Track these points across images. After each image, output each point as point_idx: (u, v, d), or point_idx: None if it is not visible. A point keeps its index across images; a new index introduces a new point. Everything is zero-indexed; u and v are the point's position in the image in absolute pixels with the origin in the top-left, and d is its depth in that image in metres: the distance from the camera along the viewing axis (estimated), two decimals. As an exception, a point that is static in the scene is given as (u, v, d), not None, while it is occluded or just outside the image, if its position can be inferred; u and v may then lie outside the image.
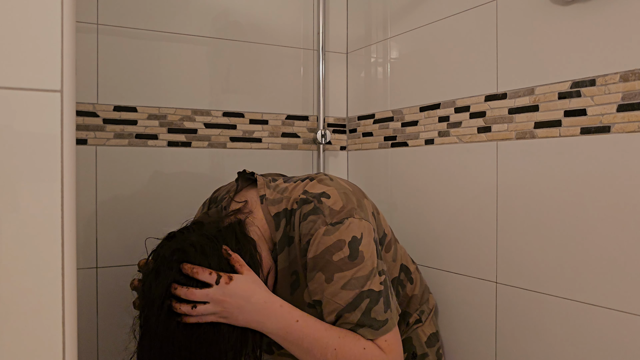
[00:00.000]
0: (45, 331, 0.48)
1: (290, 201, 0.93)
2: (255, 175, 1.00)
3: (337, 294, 0.87)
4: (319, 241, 0.88)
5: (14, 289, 0.47)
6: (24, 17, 0.47)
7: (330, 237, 0.88)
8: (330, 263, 0.87)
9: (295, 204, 0.92)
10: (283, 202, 0.94)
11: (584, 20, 0.90)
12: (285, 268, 0.93)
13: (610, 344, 0.87)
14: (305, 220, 0.89)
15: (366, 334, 0.87)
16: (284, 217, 0.93)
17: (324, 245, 0.87)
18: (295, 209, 0.92)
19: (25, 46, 0.47)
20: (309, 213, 0.89)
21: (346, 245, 0.88)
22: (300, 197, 0.92)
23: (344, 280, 0.87)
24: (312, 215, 0.89)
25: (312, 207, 0.90)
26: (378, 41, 1.41)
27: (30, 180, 0.47)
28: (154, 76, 1.27)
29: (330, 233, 0.88)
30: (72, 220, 0.49)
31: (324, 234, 0.88)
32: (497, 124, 1.06)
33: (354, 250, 0.88)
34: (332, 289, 0.87)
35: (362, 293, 0.87)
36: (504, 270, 1.04)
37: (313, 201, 0.91)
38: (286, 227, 0.93)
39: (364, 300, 0.87)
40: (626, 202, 0.84)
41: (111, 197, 1.22)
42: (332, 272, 0.87)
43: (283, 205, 0.94)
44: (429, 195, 1.23)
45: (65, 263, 0.48)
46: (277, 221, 0.93)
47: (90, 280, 1.21)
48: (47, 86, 0.48)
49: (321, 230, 0.88)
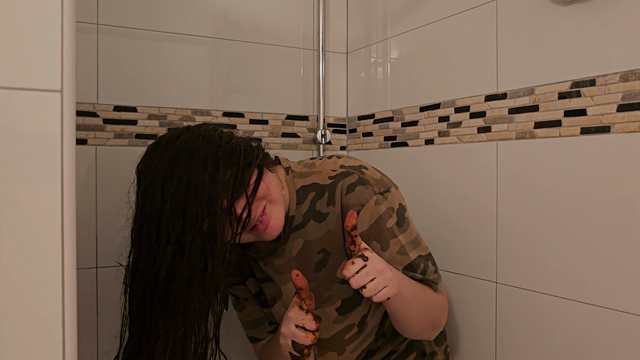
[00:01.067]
0: (45, 331, 0.48)
1: (322, 175, 0.93)
2: (277, 157, 1.00)
3: (394, 258, 0.90)
4: (372, 210, 0.90)
5: (14, 289, 0.47)
6: (24, 17, 0.47)
7: (382, 206, 0.90)
8: (384, 230, 0.90)
9: (330, 179, 0.92)
10: (313, 176, 0.94)
11: (584, 20, 0.90)
12: (311, 242, 0.93)
13: (610, 344, 0.87)
14: (353, 191, 0.90)
15: (429, 278, 0.94)
16: (312, 191, 0.93)
17: (377, 214, 0.90)
18: (333, 182, 0.91)
19: (25, 46, 0.47)
20: (356, 184, 0.90)
21: (394, 213, 0.92)
22: (339, 170, 0.92)
23: (398, 245, 0.91)
24: (360, 185, 0.90)
25: (357, 178, 0.91)
26: (378, 41, 1.41)
27: (30, 180, 0.47)
28: (154, 76, 1.27)
29: (380, 202, 0.90)
30: (72, 220, 0.49)
31: (376, 203, 0.90)
32: (497, 124, 1.06)
33: (401, 216, 0.93)
34: (388, 255, 0.90)
35: (416, 258, 0.92)
36: (504, 270, 1.04)
37: (355, 172, 0.92)
38: (315, 201, 0.92)
39: (420, 265, 0.92)
40: (626, 202, 0.84)
41: (111, 197, 1.22)
42: (388, 239, 0.90)
43: (313, 179, 0.94)
44: (429, 195, 1.23)
45: (65, 263, 0.48)
46: (303, 195, 0.93)
47: (90, 280, 1.21)
48: (47, 86, 0.48)
49: (372, 200, 0.90)
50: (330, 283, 0.93)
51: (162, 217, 0.80)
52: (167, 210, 0.79)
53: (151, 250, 0.81)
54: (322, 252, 0.92)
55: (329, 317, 0.94)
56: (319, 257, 0.93)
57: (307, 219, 0.92)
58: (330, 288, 0.93)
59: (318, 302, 0.94)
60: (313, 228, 0.92)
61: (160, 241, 0.80)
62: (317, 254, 0.93)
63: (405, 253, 0.91)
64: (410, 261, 0.91)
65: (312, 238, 0.93)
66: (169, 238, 0.79)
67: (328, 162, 0.96)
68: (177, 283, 0.80)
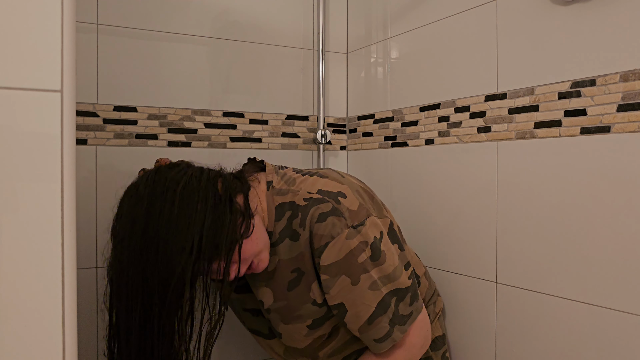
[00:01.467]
0: (45, 331, 0.48)
1: (298, 195, 0.90)
2: (264, 162, 0.99)
3: (365, 295, 0.88)
4: (341, 245, 0.86)
5: (14, 289, 0.47)
6: (24, 17, 0.47)
7: (353, 240, 0.87)
8: (354, 265, 0.87)
9: (305, 200, 0.89)
10: (289, 194, 0.92)
11: (584, 20, 0.90)
12: (285, 261, 0.92)
13: (610, 344, 0.87)
14: (324, 222, 0.86)
15: (398, 333, 0.90)
16: (289, 210, 0.90)
17: (348, 248, 0.86)
18: (307, 205, 0.88)
19: (25, 46, 0.47)
20: (328, 214, 0.87)
21: (368, 247, 0.88)
22: (315, 195, 0.89)
23: (369, 280, 0.88)
24: (333, 217, 0.87)
25: (331, 208, 0.87)
26: (378, 41, 1.41)
27: (30, 180, 0.47)
28: (154, 76, 1.27)
29: (352, 236, 0.87)
30: (72, 220, 0.49)
31: (347, 237, 0.86)
32: (497, 124, 1.06)
33: (376, 249, 0.89)
34: (358, 291, 0.87)
35: (387, 295, 0.89)
36: (504, 270, 1.04)
37: (330, 202, 0.88)
38: (291, 220, 0.90)
39: (392, 299, 0.89)
40: (626, 202, 0.84)
41: (111, 197, 1.22)
42: (358, 274, 0.87)
43: (289, 197, 0.91)
44: (429, 195, 1.23)
45: (65, 263, 0.48)
46: (280, 212, 0.91)
47: (90, 280, 1.21)
48: (47, 86, 0.48)
49: (344, 234, 0.86)
50: (302, 303, 0.92)
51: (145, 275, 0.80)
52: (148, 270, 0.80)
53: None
54: (296, 272, 0.91)
55: (299, 331, 0.94)
56: (293, 276, 0.91)
57: (283, 237, 0.91)
58: (301, 308, 0.92)
59: (288, 319, 0.93)
60: (287, 247, 0.91)
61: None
62: (291, 273, 0.91)
63: (377, 289, 0.88)
64: (382, 297, 0.88)
65: (286, 257, 0.91)
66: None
67: (308, 182, 0.93)
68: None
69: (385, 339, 0.90)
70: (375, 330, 0.89)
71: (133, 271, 0.80)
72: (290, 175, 0.96)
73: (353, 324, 0.90)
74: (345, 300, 0.89)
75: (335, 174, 0.98)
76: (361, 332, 0.90)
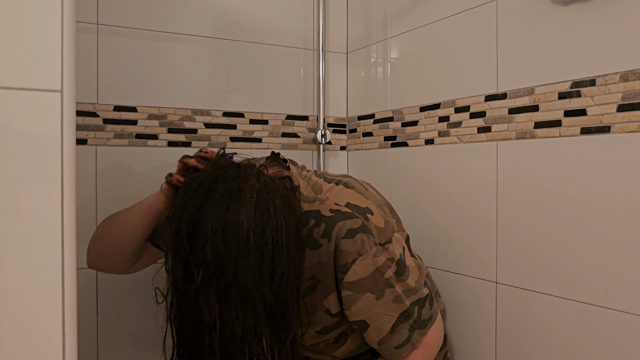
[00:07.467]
0: (45, 331, 0.48)
1: (324, 205, 0.90)
2: (287, 163, 0.97)
3: (388, 307, 0.89)
4: (368, 262, 0.87)
5: (13, 289, 0.47)
6: (24, 17, 0.47)
7: (380, 258, 0.88)
8: (380, 282, 0.88)
9: (331, 212, 0.89)
10: (316, 202, 0.91)
11: (584, 20, 0.90)
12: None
13: (610, 344, 0.87)
14: (352, 238, 0.86)
15: (417, 336, 0.91)
16: (313, 219, 0.90)
17: (374, 265, 0.87)
18: (333, 217, 0.88)
19: (25, 46, 0.47)
20: (357, 230, 0.87)
21: (394, 263, 0.89)
22: (344, 208, 0.89)
23: (393, 295, 0.89)
24: (362, 234, 0.87)
25: (360, 224, 0.88)
26: (378, 41, 1.41)
27: (30, 180, 0.47)
28: (154, 76, 1.27)
29: (379, 253, 0.88)
30: (72, 220, 0.49)
31: (375, 254, 0.87)
32: (497, 124, 1.05)
33: (401, 265, 0.91)
34: (382, 304, 0.89)
35: (410, 306, 0.91)
36: (504, 270, 1.04)
37: (360, 218, 0.88)
38: (313, 228, 0.90)
39: (413, 312, 0.91)
40: (626, 202, 0.84)
41: (111, 197, 1.22)
42: (383, 289, 0.88)
43: (316, 206, 0.91)
44: (429, 196, 1.23)
45: (65, 263, 0.48)
46: (305, 219, 0.91)
47: (90, 280, 1.21)
48: (47, 86, 0.48)
49: (372, 252, 0.87)
50: (315, 311, 0.92)
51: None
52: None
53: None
54: (312, 280, 0.91)
55: (307, 334, 0.94)
56: (309, 283, 0.92)
57: (304, 244, 0.91)
58: (314, 315, 0.92)
59: (298, 324, 0.93)
60: (307, 254, 0.91)
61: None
62: (307, 280, 0.92)
63: (402, 301, 0.90)
64: (406, 308, 0.90)
65: (305, 265, 0.91)
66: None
67: (334, 191, 0.93)
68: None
69: (405, 344, 0.91)
70: (397, 337, 0.90)
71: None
72: (316, 181, 0.96)
73: (374, 337, 0.91)
74: (368, 316, 0.89)
75: (359, 184, 0.98)
76: (381, 344, 0.91)
